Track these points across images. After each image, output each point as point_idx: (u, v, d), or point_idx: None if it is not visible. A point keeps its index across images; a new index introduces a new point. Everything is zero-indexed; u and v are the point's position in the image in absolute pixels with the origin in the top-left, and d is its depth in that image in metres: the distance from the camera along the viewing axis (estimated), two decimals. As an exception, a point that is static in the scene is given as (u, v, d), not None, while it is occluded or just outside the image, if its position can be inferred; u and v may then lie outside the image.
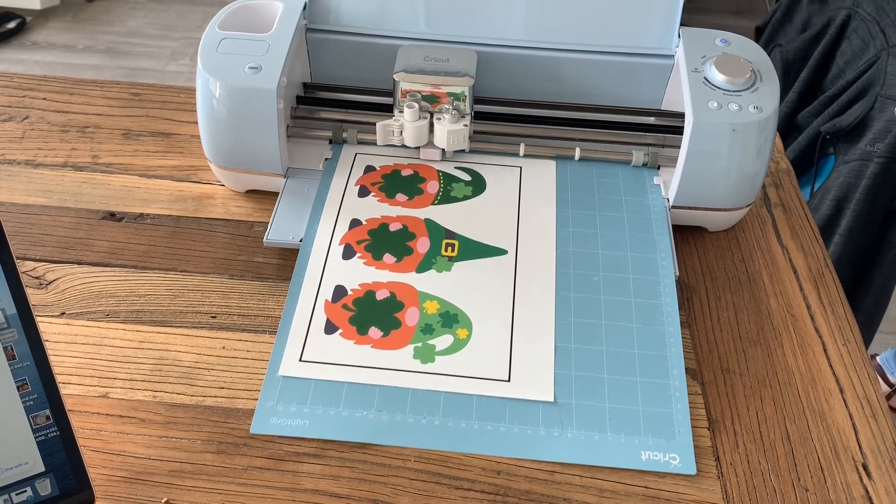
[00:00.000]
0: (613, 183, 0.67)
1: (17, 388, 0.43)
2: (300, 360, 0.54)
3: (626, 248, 0.61)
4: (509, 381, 0.53)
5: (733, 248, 0.66)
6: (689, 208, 0.65)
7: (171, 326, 0.58)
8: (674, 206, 0.65)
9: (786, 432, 0.53)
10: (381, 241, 0.61)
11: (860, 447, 0.52)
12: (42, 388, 0.44)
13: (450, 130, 0.65)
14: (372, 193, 0.64)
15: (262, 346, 0.56)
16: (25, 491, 0.44)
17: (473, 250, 0.60)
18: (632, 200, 0.65)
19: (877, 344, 1.57)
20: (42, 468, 0.44)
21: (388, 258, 0.59)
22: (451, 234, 0.61)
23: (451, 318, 0.56)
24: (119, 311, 0.58)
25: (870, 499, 0.49)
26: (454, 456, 0.50)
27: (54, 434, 0.44)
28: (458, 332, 0.55)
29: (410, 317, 0.56)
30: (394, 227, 0.62)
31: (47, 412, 0.44)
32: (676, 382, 0.53)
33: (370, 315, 0.56)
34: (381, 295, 0.57)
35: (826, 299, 0.62)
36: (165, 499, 0.47)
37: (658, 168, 0.68)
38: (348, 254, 0.60)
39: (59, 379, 0.44)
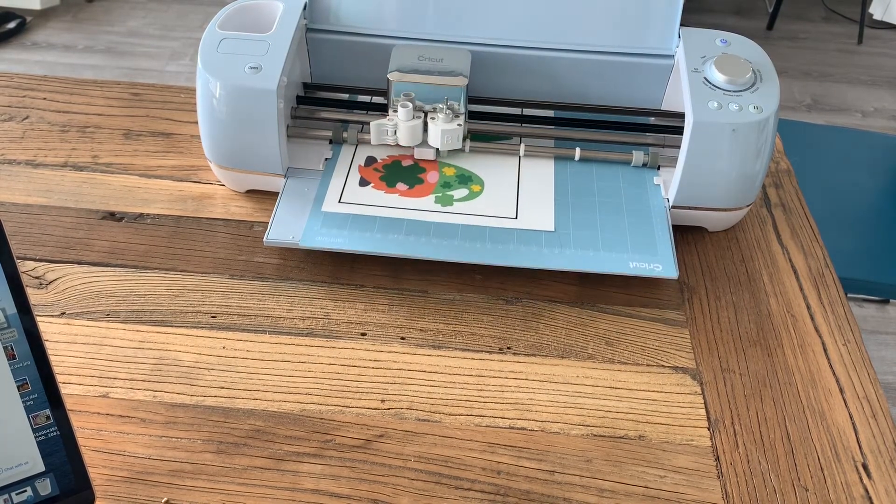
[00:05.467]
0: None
1: (17, 387, 0.43)
2: (339, 201, 0.64)
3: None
4: (516, 218, 0.63)
5: (733, 248, 0.66)
6: (689, 208, 0.65)
7: (171, 326, 0.58)
8: (674, 206, 0.65)
9: (786, 432, 0.53)
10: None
11: (860, 447, 0.52)
12: (42, 388, 0.44)
13: (444, 130, 0.65)
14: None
15: (262, 346, 0.57)
16: (25, 491, 0.44)
17: (484, 139, 0.70)
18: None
19: (878, 344, 1.57)
20: (42, 468, 0.44)
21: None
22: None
23: (466, 178, 0.67)
24: (119, 311, 0.58)
25: (870, 499, 0.49)
26: (454, 456, 0.50)
27: (54, 434, 0.44)
28: (472, 187, 0.66)
29: (431, 177, 0.67)
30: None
31: (47, 412, 0.44)
32: (658, 223, 0.63)
33: (397, 175, 0.67)
34: (406, 163, 0.68)
35: (826, 299, 0.62)
36: (165, 499, 0.47)
37: (658, 168, 0.68)
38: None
39: (59, 379, 0.44)
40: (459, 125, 0.65)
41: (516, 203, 0.64)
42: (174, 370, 0.55)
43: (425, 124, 0.66)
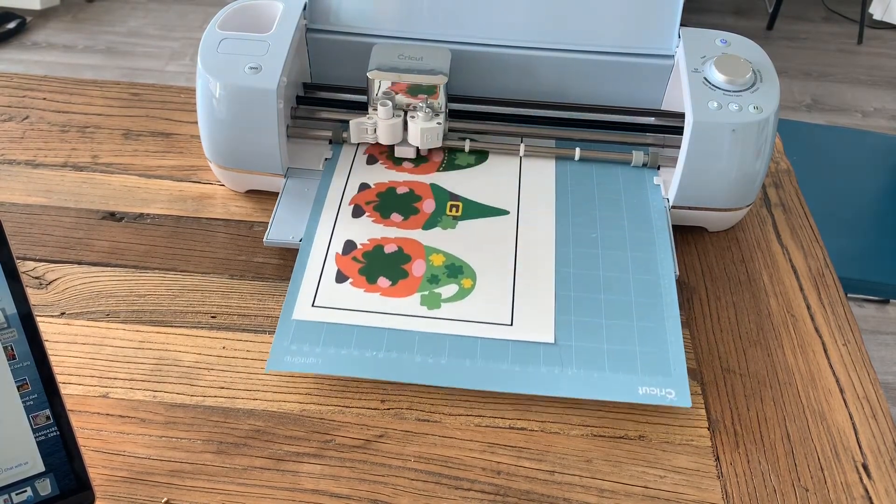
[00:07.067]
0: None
1: (17, 388, 0.43)
2: (312, 305, 0.57)
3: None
4: (512, 325, 0.56)
5: (733, 248, 0.66)
6: (689, 208, 0.65)
7: (171, 326, 0.58)
8: (674, 206, 0.65)
9: (786, 432, 0.53)
10: (389, 202, 0.64)
11: (860, 447, 0.52)
12: (42, 388, 0.44)
13: (423, 128, 0.65)
14: (380, 161, 0.67)
15: (262, 346, 0.57)
16: (25, 491, 0.44)
17: (477, 210, 0.64)
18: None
19: (878, 344, 1.57)
20: (42, 468, 0.44)
21: (396, 217, 0.63)
22: (455, 196, 0.65)
23: (456, 270, 0.59)
24: (119, 311, 0.58)
25: (870, 499, 0.49)
26: (454, 456, 0.50)
27: (54, 434, 0.44)
28: (462, 282, 0.58)
29: (417, 268, 0.59)
30: (400, 190, 0.65)
31: (47, 412, 0.44)
32: (671, 326, 0.56)
33: (379, 266, 0.59)
34: (389, 249, 0.61)
35: (826, 299, 0.62)
36: (165, 499, 0.47)
37: (658, 168, 0.68)
38: (357, 212, 0.63)
39: (59, 379, 0.44)
40: (439, 123, 0.65)
41: (511, 302, 0.57)
42: (174, 370, 0.55)
43: (405, 123, 0.66)
